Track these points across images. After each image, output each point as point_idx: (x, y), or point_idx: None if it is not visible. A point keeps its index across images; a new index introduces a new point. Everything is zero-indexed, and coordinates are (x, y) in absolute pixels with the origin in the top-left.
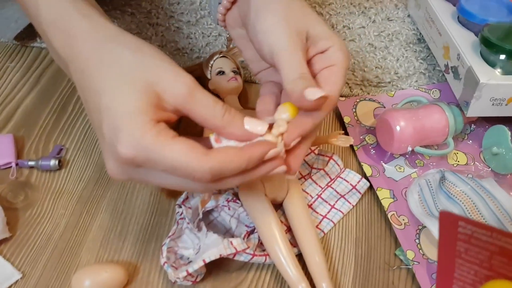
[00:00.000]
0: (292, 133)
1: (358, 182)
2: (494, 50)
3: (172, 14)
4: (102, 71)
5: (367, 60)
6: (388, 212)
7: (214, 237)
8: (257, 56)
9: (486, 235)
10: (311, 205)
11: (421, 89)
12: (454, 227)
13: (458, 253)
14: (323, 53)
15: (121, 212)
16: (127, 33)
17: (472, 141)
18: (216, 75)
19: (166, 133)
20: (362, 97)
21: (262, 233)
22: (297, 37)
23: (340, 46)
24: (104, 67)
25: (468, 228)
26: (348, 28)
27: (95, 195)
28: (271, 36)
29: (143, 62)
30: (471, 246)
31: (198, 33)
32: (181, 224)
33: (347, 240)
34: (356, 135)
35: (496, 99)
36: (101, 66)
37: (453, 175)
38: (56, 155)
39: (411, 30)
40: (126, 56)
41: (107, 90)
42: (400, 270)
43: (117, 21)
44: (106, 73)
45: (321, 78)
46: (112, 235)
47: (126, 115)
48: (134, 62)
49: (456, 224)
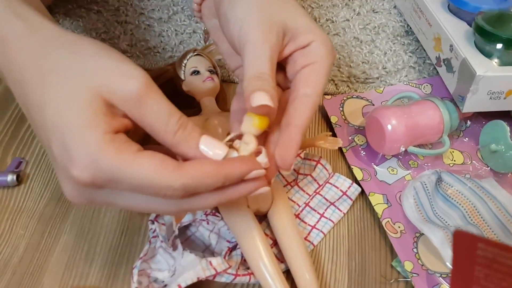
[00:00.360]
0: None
1: (348, 187)
2: (490, 39)
3: (142, 11)
4: (41, 81)
5: (353, 54)
6: (382, 219)
7: (191, 258)
8: (233, 50)
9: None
10: (298, 214)
11: (412, 84)
12: (472, 249)
13: (477, 280)
14: (305, 48)
15: (87, 232)
16: (68, 33)
17: (468, 138)
18: (190, 75)
19: (127, 148)
20: (349, 94)
21: (245, 249)
22: (268, 30)
23: (323, 41)
24: (43, 75)
25: (489, 251)
26: (332, 22)
27: (58, 213)
28: (242, 27)
29: (84, 65)
30: (492, 272)
31: (171, 30)
32: (154, 242)
33: (339, 252)
34: (344, 136)
35: (494, 92)
36: (40, 75)
37: (450, 175)
38: (14, 169)
39: (398, 22)
40: (65, 60)
41: (49, 103)
42: (398, 283)
43: (82, 20)
44: (46, 83)
45: (301, 77)
46: (77, 258)
47: (76, 132)
48: (74, 66)
49: (474, 246)
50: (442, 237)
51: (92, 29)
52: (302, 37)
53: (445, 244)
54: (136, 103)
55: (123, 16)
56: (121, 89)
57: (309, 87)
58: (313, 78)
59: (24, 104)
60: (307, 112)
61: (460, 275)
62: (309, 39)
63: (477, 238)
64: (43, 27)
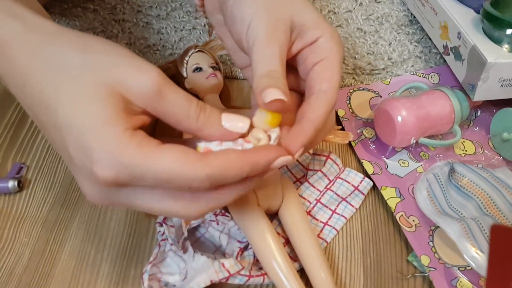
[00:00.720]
0: (294, 144)
1: (360, 182)
2: (499, 25)
3: (139, 8)
4: (49, 81)
5: (358, 46)
6: (395, 214)
7: (203, 260)
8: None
9: None
10: (310, 211)
11: (419, 74)
12: (511, 244)
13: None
14: (313, 44)
15: (94, 236)
16: (69, 30)
17: (479, 127)
18: (192, 72)
19: (148, 142)
20: (355, 87)
21: (258, 249)
22: (276, 27)
23: (331, 35)
24: (50, 75)
25: None
26: (334, 13)
27: (63, 218)
28: (249, 26)
29: (95, 62)
30: None
31: (170, 27)
32: (163, 246)
33: (353, 249)
34: (352, 129)
35: (505, 79)
36: (47, 75)
37: (463, 166)
38: (15, 175)
39: (402, 11)
40: (74, 58)
41: (61, 103)
42: (415, 278)
43: (78, 19)
44: (55, 83)
45: (314, 75)
46: (84, 264)
47: (95, 131)
48: (85, 64)
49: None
50: (458, 229)
51: (89, 29)
52: (309, 33)
53: (462, 237)
54: (156, 97)
55: (121, 14)
56: (138, 85)
57: (324, 83)
58: (327, 74)
59: (30, 108)
60: (322, 107)
61: (498, 271)
62: (317, 35)
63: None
64: (42, 26)
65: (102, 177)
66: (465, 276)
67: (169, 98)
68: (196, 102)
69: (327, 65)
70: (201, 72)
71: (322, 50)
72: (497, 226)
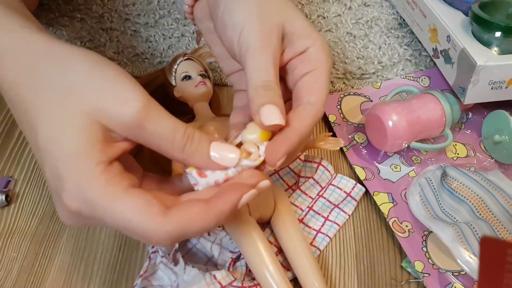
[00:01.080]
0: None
1: (352, 188)
2: (488, 28)
3: (127, 17)
4: (33, 101)
5: (347, 50)
6: (388, 219)
7: (194, 272)
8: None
9: None
10: (302, 219)
11: (409, 78)
12: (501, 256)
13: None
14: (302, 54)
15: (83, 250)
16: (59, 45)
17: (471, 130)
18: (181, 80)
19: (116, 183)
20: (346, 91)
21: (250, 259)
22: (269, 34)
23: (321, 45)
24: (35, 95)
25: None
26: (323, 18)
27: (52, 232)
28: (241, 32)
29: (79, 85)
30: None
31: (158, 35)
32: (154, 258)
33: (346, 256)
34: (344, 134)
35: (495, 82)
36: (32, 95)
37: (455, 170)
38: (2, 189)
39: (391, 14)
40: (57, 79)
41: (42, 126)
42: (409, 284)
43: (65, 29)
44: (39, 104)
45: (303, 85)
46: (74, 278)
47: (68, 161)
48: (67, 87)
49: (503, 253)
50: (451, 234)
51: (77, 38)
52: (299, 42)
53: (455, 241)
54: (137, 128)
55: (108, 23)
56: (118, 115)
57: (312, 95)
58: (317, 86)
59: (20, 122)
60: (309, 118)
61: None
62: (307, 45)
63: (507, 244)
64: (32, 41)
65: (69, 206)
66: (459, 281)
67: (152, 129)
68: (182, 131)
69: (317, 77)
70: (190, 81)
71: (312, 60)
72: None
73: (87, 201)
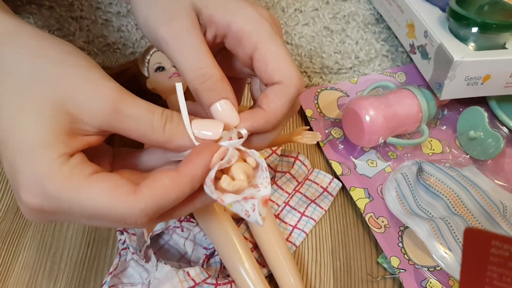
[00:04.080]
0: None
1: (329, 183)
2: (465, 23)
3: (98, 5)
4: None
5: (325, 45)
6: (365, 215)
7: (167, 269)
8: None
9: None
10: (278, 215)
11: (386, 73)
12: (485, 247)
13: (490, 280)
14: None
15: (50, 247)
16: (29, 28)
17: (446, 126)
18: (154, 71)
19: (80, 172)
20: (323, 86)
21: (224, 255)
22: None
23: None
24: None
25: (505, 249)
26: (300, 12)
27: (16, 228)
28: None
29: (46, 72)
30: (508, 271)
31: (131, 25)
32: (124, 255)
33: (322, 252)
34: (320, 129)
35: (472, 77)
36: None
37: (430, 165)
38: None
39: (368, 10)
40: (24, 65)
41: (2, 114)
42: (385, 280)
43: (33, 16)
44: (0, 90)
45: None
46: (40, 276)
47: (26, 153)
48: (34, 73)
49: (488, 244)
50: (427, 229)
51: (45, 26)
52: (216, 16)
53: (431, 237)
54: (112, 115)
55: (78, 11)
56: (90, 103)
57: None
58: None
59: None
60: (277, 100)
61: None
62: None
63: (491, 235)
64: (1, 23)
65: (28, 203)
66: (435, 277)
67: (128, 114)
68: (160, 112)
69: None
70: (163, 72)
71: (245, 39)
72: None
73: (49, 197)
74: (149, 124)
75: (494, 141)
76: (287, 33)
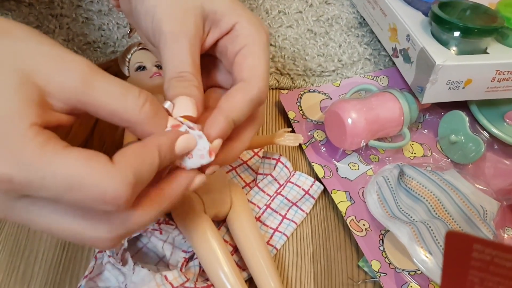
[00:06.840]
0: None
1: (311, 186)
2: (447, 28)
3: (79, 3)
4: None
5: (308, 47)
6: (346, 218)
7: (144, 273)
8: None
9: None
10: (259, 217)
11: (368, 77)
12: (467, 251)
13: (471, 285)
14: (230, 33)
15: (24, 249)
16: None
17: (427, 130)
18: (135, 71)
19: (55, 143)
20: (306, 88)
21: (203, 258)
22: (184, 18)
23: (248, 19)
24: None
25: (487, 253)
26: (284, 14)
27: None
28: (153, 18)
29: (14, 47)
30: (489, 275)
31: (112, 23)
32: (100, 258)
33: (303, 255)
34: (303, 131)
35: (453, 82)
36: None
37: (412, 169)
38: None
39: (351, 13)
40: None
41: None
42: (365, 284)
43: (12, 13)
44: None
45: (236, 66)
46: (13, 279)
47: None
48: (1, 49)
49: (469, 248)
50: (408, 232)
51: (24, 24)
52: (223, 20)
53: (412, 240)
54: (82, 87)
55: (58, 9)
56: (59, 75)
57: (244, 71)
58: (248, 61)
59: None
60: (238, 96)
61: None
62: (232, 21)
63: (473, 239)
64: None
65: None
66: (415, 281)
67: (98, 86)
68: (137, 90)
69: (248, 53)
70: (144, 71)
71: (241, 37)
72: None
73: (20, 165)
74: (123, 100)
75: (475, 145)
76: (270, 35)
